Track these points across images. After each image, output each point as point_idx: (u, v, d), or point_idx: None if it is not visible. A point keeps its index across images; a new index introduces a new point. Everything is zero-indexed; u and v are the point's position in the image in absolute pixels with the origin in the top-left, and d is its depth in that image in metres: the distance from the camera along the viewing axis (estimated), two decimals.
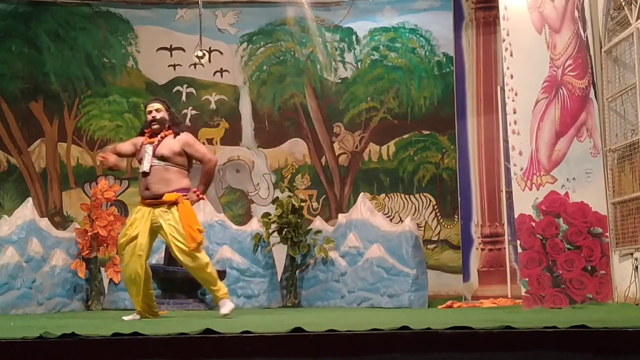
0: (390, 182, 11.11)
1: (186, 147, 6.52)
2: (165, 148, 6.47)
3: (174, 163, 6.48)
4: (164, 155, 6.44)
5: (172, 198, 6.37)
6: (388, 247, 8.85)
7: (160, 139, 6.51)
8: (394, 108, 11.22)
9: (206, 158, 6.61)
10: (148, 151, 6.46)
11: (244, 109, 11.41)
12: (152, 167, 6.40)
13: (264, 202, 11.13)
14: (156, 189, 6.39)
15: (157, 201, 6.38)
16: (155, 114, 6.59)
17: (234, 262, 9.14)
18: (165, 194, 6.37)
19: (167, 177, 6.43)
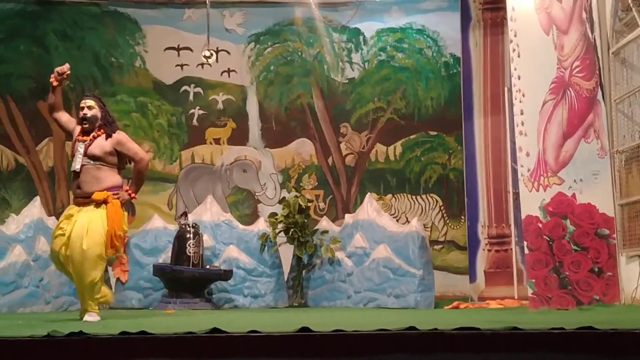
0: (397, 183, 11.10)
1: (118, 146, 6.50)
2: (96, 148, 6.44)
3: (105, 162, 6.46)
4: (95, 154, 6.42)
5: (101, 197, 6.35)
6: (394, 248, 8.84)
7: (92, 138, 6.48)
8: (401, 108, 11.22)
9: (138, 157, 6.57)
10: (80, 150, 6.44)
11: (251, 109, 11.42)
12: (83, 166, 6.39)
13: (271, 202, 11.14)
14: (87, 188, 6.37)
15: (87, 200, 6.37)
16: (87, 111, 6.57)
17: (240, 261, 9.15)
18: (95, 192, 6.35)
19: (98, 176, 6.41)
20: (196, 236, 8.86)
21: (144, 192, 11.07)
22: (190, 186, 11.25)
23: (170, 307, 8.49)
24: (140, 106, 11.30)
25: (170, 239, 9.14)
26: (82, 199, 6.37)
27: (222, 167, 11.30)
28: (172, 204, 11.20)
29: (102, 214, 6.31)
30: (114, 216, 6.33)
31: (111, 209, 6.33)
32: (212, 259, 9.15)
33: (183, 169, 11.28)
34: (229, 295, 9.07)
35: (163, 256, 9.14)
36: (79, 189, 6.38)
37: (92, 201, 6.34)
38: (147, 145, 11.19)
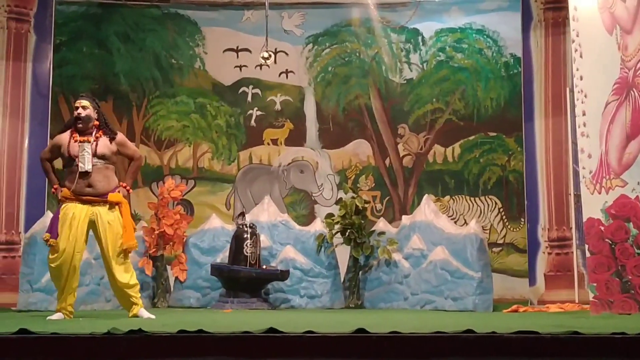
0: (455, 184, 11.02)
1: (121, 147, 6.85)
2: (104, 148, 6.71)
3: (110, 162, 6.78)
4: (105, 154, 6.70)
5: (118, 198, 6.67)
6: (452, 250, 8.77)
7: (96, 139, 6.71)
8: (459, 109, 11.13)
9: (137, 154, 7.03)
10: (87, 150, 6.62)
11: (309, 109, 11.45)
12: (94, 166, 6.62)
13: (328, 203, 11.15)
14: (101, 187, 6.63)
15: (100, 199, 6.63)
16: (81, 111, 6.77)
17: (297, 262, 9.18)
18: (109, 193, 6.65)
19: (108, 175, 6.71)
20: (253, 236, 8.91)
21: (203, 192, 11.25)
22: (247, 186, 11.33)
23: (227, 307, 8.56)
24: (199, 107, 11.41)
25: (227, 238, 9.21)
26: (92, 197, 6.60)
27: (279, 168, 11.35)
28: (229, 204, 11.29)
29: (118, 215, 6.67)
30: (128, 215, 6.74)
31: (125, 210, 6.71)
32: (269, 259, 9.20)
33: (241, 170, 11.36)
34: (285, 295, 9.10)
35: (221, 256, 9.21)
36: (90, 187, 6.60)
37: (105, 202, 6.64)
38: (205, 146, 11.31)
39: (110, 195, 6.63)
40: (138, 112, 11.30)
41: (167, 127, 11.33)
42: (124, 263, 6.68)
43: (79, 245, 6.59)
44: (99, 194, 6.62)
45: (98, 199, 6.62)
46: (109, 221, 6.61)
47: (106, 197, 6.64)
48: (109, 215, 6.63)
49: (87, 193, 6.60)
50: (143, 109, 11.29)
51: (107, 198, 6.64)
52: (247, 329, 3.79)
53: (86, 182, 6.60)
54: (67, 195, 6.64)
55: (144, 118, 11.31)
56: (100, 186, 6.61)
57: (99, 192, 6.62)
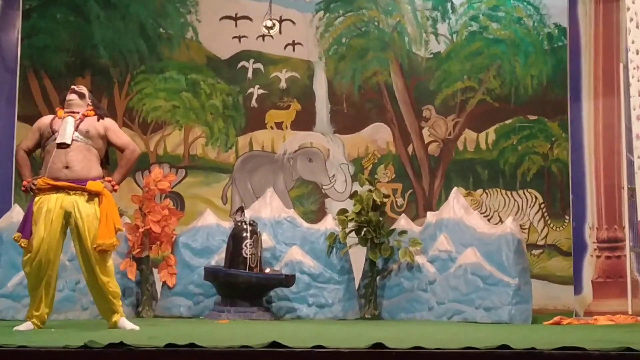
0: (489, 176, 11.01)
1: (108, 132, 6.71)
2: (90, 125, 6.63)
3: (94, 145, 6.64)
4: (89, 131, 6.59)
5: (99, 188, 6.53)
6: (485, 252, 8.76)
7: (83, 116, 6.67)
8: (494, 88, 11.10)
9: (132, 145, 6.84)
10: (70, 122, 6.57)
11: (319, 88, 11.44)
12: (74, 141, 6.52)
13: (341, 197, 11.15)
14: (79, 169, 6.50)
15: (77, 186, 6.50)
16: (76, 89, 6.82)
17: (304, 265, 9.18)
18: (88, 180, 6.51)
19: (89, 158, 6.57)
20: (254, 235, 8.91)
21: (195, 183, 11.27)
22: (247, 177, 11.33)
23: (223, 317, 8.57)
24: (191, 84, 11.42)
25: (224, 238, 9.21)
26: (69, 183, 6.48)
27: (284, 156, 11.35)
28: (226, 198, 11.30)
29: (97, 208, 6.54)
30: (111, 209, 6.60)
31: (107, 202, 6.57)
32: (271, 262, 9.20)
33: (239, 158, 11.37)
34: (290, 304, 9.12)
35: (216, 258, 9.22)
36: (68, 168, 6.49)
37: (84, 191, 6.51)
38: (198, 130, 11.32)
39: (90, 184, 6.51)
40: (120, 89, 11.31)
41: (153, 108, 11.34)
42: (105, 263, 6.66)
43: (54, 243, 6.53)
44: (76, 177, 6.50)
45: (75, 186, 6.51)
46: (88, 214, 6.53)
47: (84, 184, 6.53)
48: (87, 207, 6.54)
49: (64, 177, 6.50)
50: (126, 86, 11.30)
51: (86, 186, 6.53)
52: (246, 343, 3.80)
53: (63, 160, 6.49)
54: (40, 185, 6.53)
55: (127, 97, 11.32)
56: (79, 168, 6.51)
57: (77, 175, 6.50)
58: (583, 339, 4.78)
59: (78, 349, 3.71)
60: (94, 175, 6.60)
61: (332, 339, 4.93)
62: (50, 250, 6.51)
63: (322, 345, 3.65)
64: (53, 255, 6.54)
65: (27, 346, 3.90)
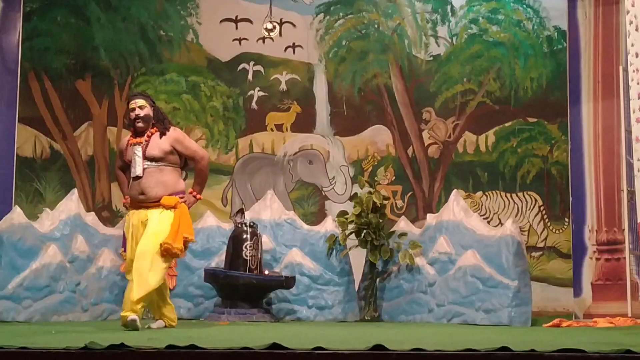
0: (489, 178, 11.01)
1: (176, 144, 7.00)
2: (155, 148, 6.93)
3: (167, 162, 6.96)
4: (155, 156, 6.92)
5: (172, 202, 6.87)
6: (485, 254, 8.77)
7: (147, 138, 6.96)
8: (494, 91, 11.11)
9: (198, 155, 7.10)
10: (137, 153, 6.93)
11: (319, 90, 11.45)
12: (144, 170, 6.89)
13: (340, 199, 11.15)
14: (153, 193, 6.88)
15: (154, 203, 6.89)
16: (138, 111, 7.02)
17: (304, 267, 9.18)
18: (163, 197, 6.87)
19: (163, 179, 6.92)
20: (254, 237, 8.92)
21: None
22: (247, 179, 11.33)
23: (223, 318, 8.57)
24: (191, 86, 11.42)
25: (224, 239, 9.22)
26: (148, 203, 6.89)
27: (284, 158, 11.35)
28: (226, 200, 11.30)
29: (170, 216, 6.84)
30: (184, 219, 6.91)
31: (179, 213, 6.87)
32: (271, 264, 9.21)
33: (240, 159, 11.37)
34: (290, 305, 9.12)
35: (216, 259, 9.22)
36: (143, 194, 6.88)
37: (159, 206, 6.88)
38: (199, 132, 11.32)
39: (164, 199, 6.87)
40: (121, 92, 11.30)
41: None
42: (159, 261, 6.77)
43: None
44: (150, 199, 6.90)
45: (152, 204, 6.91)
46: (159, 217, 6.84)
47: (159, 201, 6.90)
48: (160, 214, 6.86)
49: (140, 200, 6.93)
50: (127, 88, 11.29)
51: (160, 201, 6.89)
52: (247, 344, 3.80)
53: (138, 189, 6.92)
54: (128, 203, 7.12)
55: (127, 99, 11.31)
56: (152, 193, 6.88)
57: (150, 198, 6.89)
58: (583, 342, 4.78)
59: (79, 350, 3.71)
60: (171, 192, 6.92)
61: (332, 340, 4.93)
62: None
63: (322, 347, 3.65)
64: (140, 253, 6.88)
65: (29, 347, 3.90)
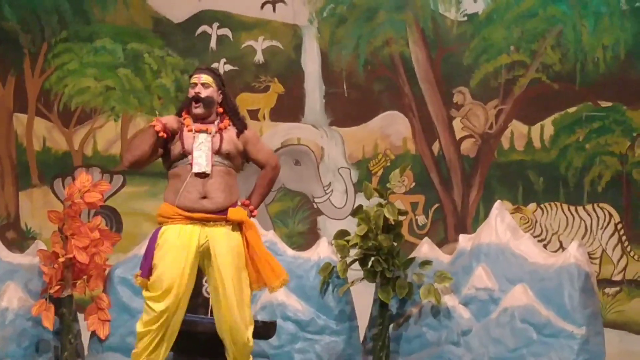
0: (546, 185, 11.02)
1: (247, 146, 7.15)
2: (230, 143, 7.05)
3: (234, 165, 7.13)
4: (230, 153, 7.04)
5: (242, 216, 7.00)
6: (540, 290, 8.78)
7: (220, 130, 7.05)
8: (553, 64, 11.12)
9: (273, 162, 7.27)
10: (205, 142, 6.97)
11: (310, 63, 11.47)
12: (213, 167, 6.97)
13: (339, 214, 11.16)
14: (221, 199, 6.97)
15: (215, 216, 6.95)
16: (200, 89, 7.11)
17: (289, 308, 9.17)
18: (229, 208, 6.97)
19: (230, 184, 7.06)
20: None
21: (137, 194, 11.27)
22: None
23: None
24: (132, 57, 11.44)
25: None
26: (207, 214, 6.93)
27: None
28: None
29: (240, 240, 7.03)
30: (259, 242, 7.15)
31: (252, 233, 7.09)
32: None
33: None
34: None
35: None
36: (206, 198, 6.93)
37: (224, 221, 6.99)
38: (142, 120, 11.33)
39: (231, 212, 6.96)
40: (33, 64, 11.31)
41: (79, 90, 11.35)
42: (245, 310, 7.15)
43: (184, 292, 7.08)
44: (217, 209, 6.95)
45: (214, 217, 6.96)
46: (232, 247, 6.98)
47: (225, 213, 6.97)
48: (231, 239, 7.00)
49: (201, 208, 6.93)
50: (41, 59, 11.31)
51: (227, 215, 6.97)
52: None
53: (201, 190, 6.93)
54: (168, 214, 7.05)
55: (43, 74, 11.32)
56: (220, 198, 6.96)
57: (218, 206, 6.95)
58: None
59: None
60: (234, 201, 7.06)
61: None
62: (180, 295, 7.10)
63: None
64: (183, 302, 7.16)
65: None
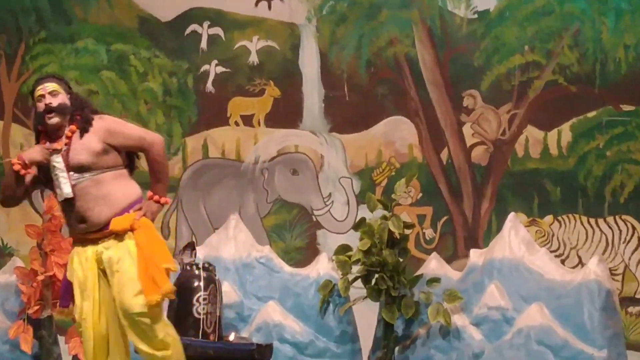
0: (563, 195, 11.02)
1: (110, 137, 6.83)
2: (81, 153, 6.76)
3: (103, 167, 6.82)
4: (83, 164, 6.76)
5: (125, 225, 6.77)
6: (557, 310, 8.79)
7: (67, 141, 6.80)
8: (570, 65, 11.13)
9: (147, 142, 6.93)
10: (58, 165, 6.77)
11: (308, 64, 11.49)
12: (74, 186, 6.75)
13: (340, 227, 11.16)
14: (96, 216, 6.76)
15: (100, 234, 6.79)
16: (50, 99, 6.82)
17: (286, 330, 9.19)
18: (111, 220, 6.75)
19: (104, 192, 6.78)
20: (210, 285, 8.91)
21: None
22: (200, 197, 11.33)
23: None
24: (116, 59, 11.45)
25: None
26: (93, 233, 6.80)
27: (255, 166, 11.36)
28: (168, 229, 11.30)
29: (133, 249, 6.78)
30: (151, 245, 6.82)
31: (142, 237, 6.79)
32: (237, 325, 9.23)
33: (188, 168, 11.38)
34: None
35: None
36: (84, 223, 6.78)
37: (110, 234, 6.80)
38: None
39: (113, 223, 6.77)
40: (9, 67, 11.33)
41: None
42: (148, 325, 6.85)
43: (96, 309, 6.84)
44: (96, 226, 6.79)
45: (99, 235, 6.82)
46: (117, 266, 6.78)
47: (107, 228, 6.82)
48: (117, 252, 6.81)
49: (82, 230, 6.84)
50: (18, 61, 11.33)
51: (109, 228, 6.80)
52: None
53: (76, 215, 6.82)
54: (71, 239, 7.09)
55: (20, 78, 11.33)
56: (95, 216, 6.77)
57: (95, 223, 6.79)
58: None
59: None
60: (122, 206, 6.83)
61: None
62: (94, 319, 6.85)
63: None
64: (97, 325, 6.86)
65: None
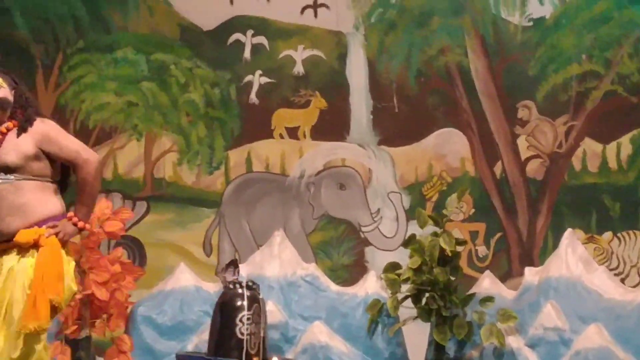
0: (623, 211, 10.94)
1: (46, 144, 6.67)
2: (11, 152, 6.60)
3: (29, 174, 6.64)
4: (9, 164, 6.58)
5: (29, 238, 6.54)
6: (617, 331, 8.74)
7: (1, 136, 6.64)
8: (630, 74, 11.06)
9: (81, 157, 6.71)
10: None
11: (355, 74, 11.47)
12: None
13: (390, 245, 11.12)
14: (5, 226, 6.55)
15: (6, 245, 6.57)
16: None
17: (333, 351, 9.16)
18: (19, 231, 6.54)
19: (21, 202, 6.59)
20: (254, 305, 8.88)
21: (161, 223, 11.26)
22: (243, 213, 11.31)
23: None
24: (156, 69, 11.45)
25: (207, 308, 9.22)
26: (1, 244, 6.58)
27: (301, 180, 11.33)
28: (210, 246, 11.28)
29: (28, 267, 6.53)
30: (49, 266, 6.54)
31: (43, 256, 6.54)
32: (281, 346, 9.20)
33: (231, 182, 11.37)
34: None
35: (194, 339, 9.23)
36: None
37: (14, 246, 6.57)
38: (167, 140, 11.33)
39: (20, 234, 6.55)
40: (46, 78, 11.35)
41: (98, 106, 11.40)
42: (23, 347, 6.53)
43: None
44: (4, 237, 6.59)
45: (3, 246, 6.60)
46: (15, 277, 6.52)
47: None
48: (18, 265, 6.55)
49: None
50: (55, 72, 11.36)
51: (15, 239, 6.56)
52: None
53: None
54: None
55: (57, 89, 11.35)
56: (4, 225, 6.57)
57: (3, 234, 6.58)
58: None
59: None
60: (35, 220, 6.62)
61: None
62: None
63: None
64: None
65: None
